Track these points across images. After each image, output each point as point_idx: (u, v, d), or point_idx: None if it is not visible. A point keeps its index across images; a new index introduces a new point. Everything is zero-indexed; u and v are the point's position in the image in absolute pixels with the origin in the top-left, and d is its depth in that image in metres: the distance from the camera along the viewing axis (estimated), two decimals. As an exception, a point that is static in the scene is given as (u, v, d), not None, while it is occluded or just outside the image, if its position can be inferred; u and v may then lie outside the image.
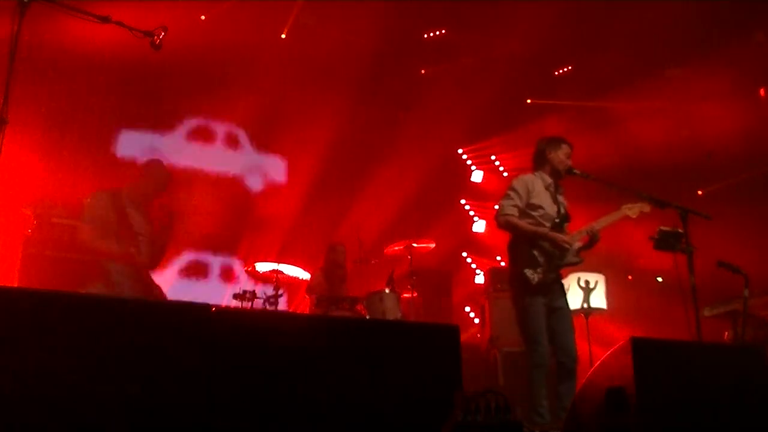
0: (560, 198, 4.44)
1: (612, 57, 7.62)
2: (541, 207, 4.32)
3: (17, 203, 6.88)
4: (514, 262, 4.27)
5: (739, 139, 7.17)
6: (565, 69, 8.69)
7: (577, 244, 4.32)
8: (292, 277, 6.39)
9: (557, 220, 4.31)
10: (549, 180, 4.41)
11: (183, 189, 7.04)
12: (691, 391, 2.80)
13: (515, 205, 4.29)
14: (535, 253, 4.20)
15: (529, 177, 4.44)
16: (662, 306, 6.08)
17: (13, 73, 2.98)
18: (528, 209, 4.32)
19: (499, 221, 4.33)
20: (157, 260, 4.39)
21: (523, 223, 4.27)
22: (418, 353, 2.54)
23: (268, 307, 5.66)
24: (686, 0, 6.70)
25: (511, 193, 4.34)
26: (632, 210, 4.31)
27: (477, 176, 9.48)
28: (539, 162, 4.48)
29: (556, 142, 4.46)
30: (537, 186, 4.37)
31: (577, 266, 4.54)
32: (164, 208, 4.29)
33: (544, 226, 4.27)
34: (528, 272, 4.16)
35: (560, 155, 4.40)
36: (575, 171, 4.36)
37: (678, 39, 7.40)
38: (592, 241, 4.28)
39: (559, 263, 4.24)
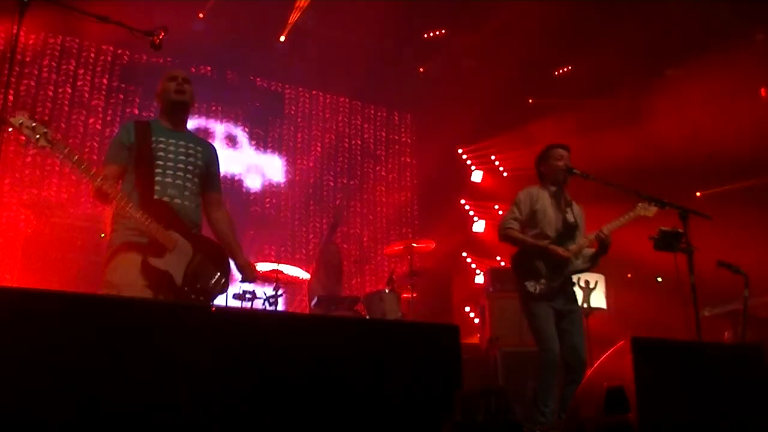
0: (568, 208, 4.42)
1: (612, 57, 7.62)
2: (544, 218, 4.34)
3: (17, 203, 6.91)
4: (517, 274, 4.32)
5: (739, 140, 7.17)
6: (565, 69, 8.70)
7: (588, 251, 4.34)
8: (292, 277, 6.39)
9: (561, 231, 4.32)
10: (553, 190, 4.43)
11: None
12: (691, 391, 2.79)
13: (515, 219, 4.38)
14: (537, 264, 4.23)
15: (533, 189, 4.47)
16: (662, 306, 6.08)
17: (13, 73, 2.97)
18: (531, 221, 4.37)
19: (500, 235, 4.45)
20: (210, 196, 3.70)
21: (523, 236, 4.34)
22: (418, 353, 2.53)
23: (268, 307, 5.66)
24: (686, 0, 6.70)
25: (513, 207, 4.43)
26: (648, 210, 4.26)
27: (477, 176, 9.48)
28: (539, 177, 4.55)
29: (545, 152, 4.49)
30: (541, 197, 4.40)
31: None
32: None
33: (547, 236, 4.29)
34: (529, 284, 4.19)
35: (551, 163, 4.42)
36: (575, 171, 4.36)
37: (678, 39, 7.41)
38: (603, 245, 4.26)
39: (562, 272, 4.24)
